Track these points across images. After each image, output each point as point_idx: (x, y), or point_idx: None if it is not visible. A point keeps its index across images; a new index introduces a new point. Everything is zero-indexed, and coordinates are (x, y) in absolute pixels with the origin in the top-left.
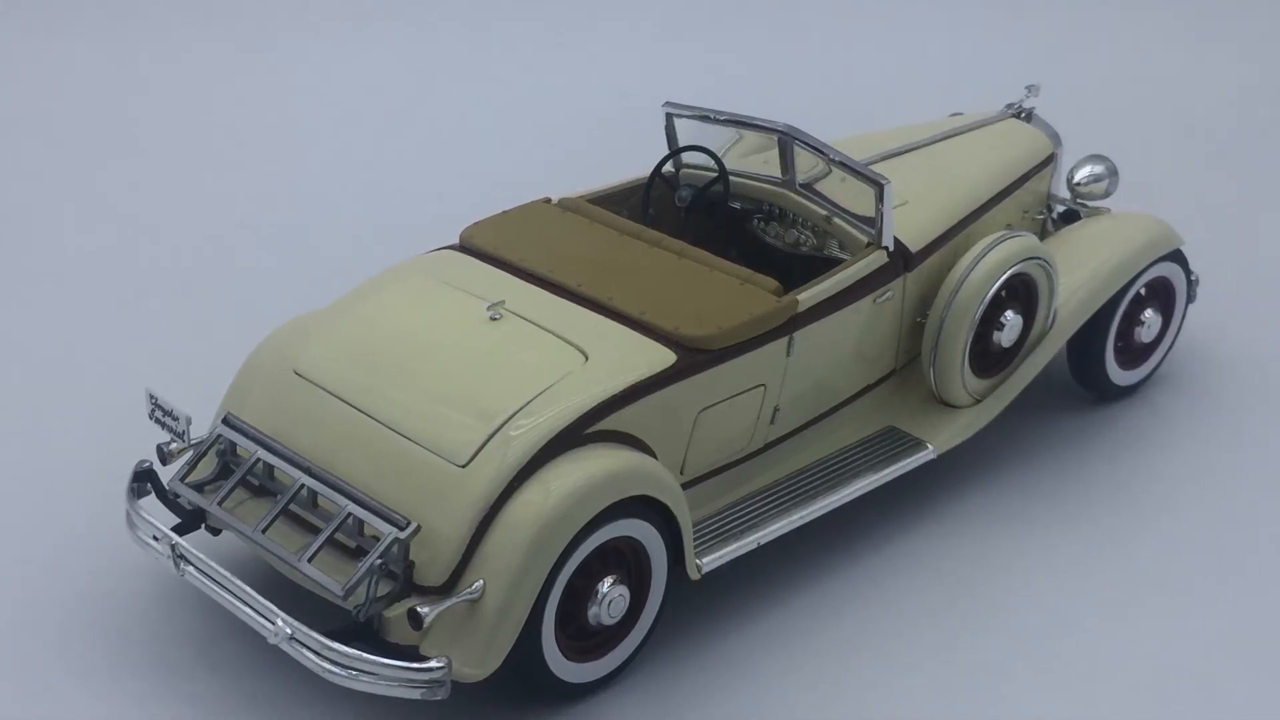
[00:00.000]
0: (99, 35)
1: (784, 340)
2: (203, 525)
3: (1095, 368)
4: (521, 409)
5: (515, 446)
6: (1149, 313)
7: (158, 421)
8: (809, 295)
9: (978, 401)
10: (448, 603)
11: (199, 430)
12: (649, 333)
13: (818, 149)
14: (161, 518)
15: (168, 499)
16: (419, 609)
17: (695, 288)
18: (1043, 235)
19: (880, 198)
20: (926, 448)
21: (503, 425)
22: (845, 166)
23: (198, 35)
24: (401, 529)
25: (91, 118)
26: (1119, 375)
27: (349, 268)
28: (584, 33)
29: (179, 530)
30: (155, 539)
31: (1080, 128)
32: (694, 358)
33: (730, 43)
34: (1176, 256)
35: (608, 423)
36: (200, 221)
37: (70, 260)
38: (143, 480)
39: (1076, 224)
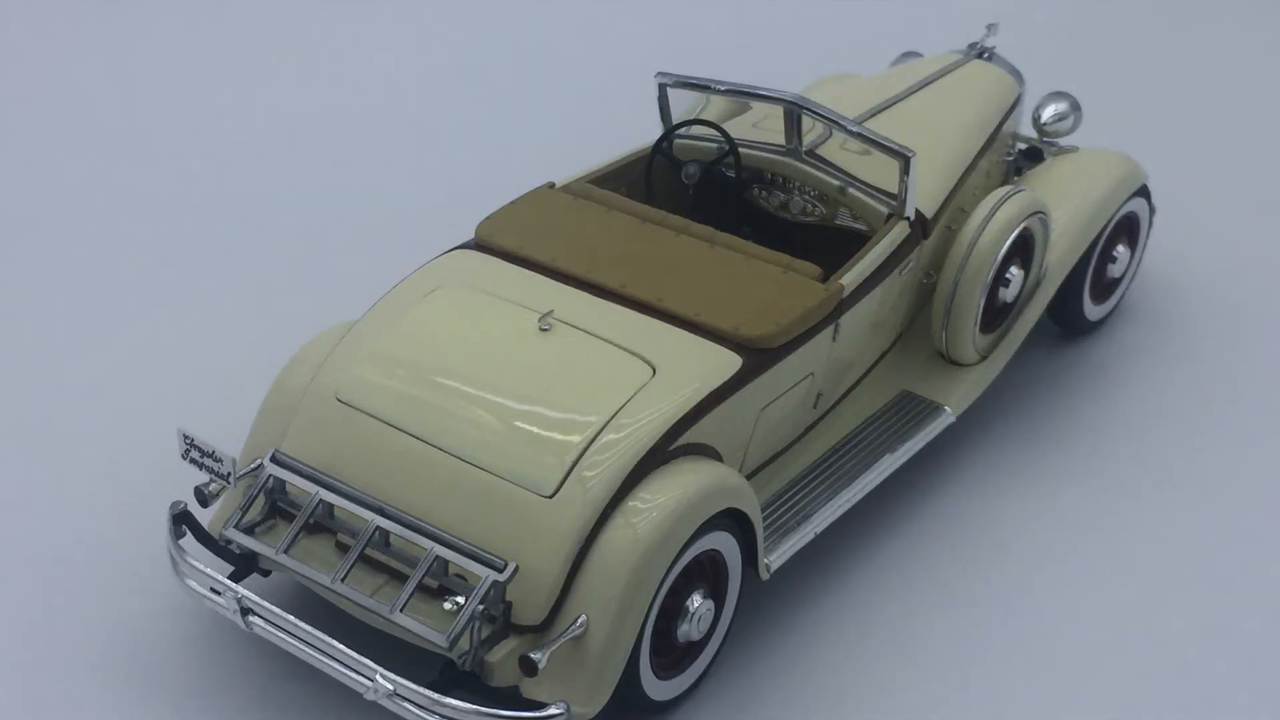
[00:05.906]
0: (110, 44)
1: (831, 327)
2: (255, 569)
3: (1073, 305)
4: (600, 431)
5: (603, 473)
6: (1120, 248)
7: (194, 463)
8: (850, 278)
9: (984, 358)
10: (558, 644)
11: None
12: (709, 335)
13: (835, 120)
14: (204, 559)
15: (213, 544)
16: (531, 655)
17: (740, 281)
18: (1010, 176)
19: (905, 170)
20: (944, 410)
21: (585, 450)
22: (866, 138)
23: (207, 43)
24: (499, 570)
25: (105, 125)
26: (1091, 310)
27: (358, 270)
28: (571, 10)
29: (234, 577)
30: (216, 592)
31: (1027, 65)
32: (758, 358)
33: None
34: (1142, 191)
35: (686, 436)
36: (214, 224)
37: (83, 263)
38: (179, 523)
39: (1047, 164)
